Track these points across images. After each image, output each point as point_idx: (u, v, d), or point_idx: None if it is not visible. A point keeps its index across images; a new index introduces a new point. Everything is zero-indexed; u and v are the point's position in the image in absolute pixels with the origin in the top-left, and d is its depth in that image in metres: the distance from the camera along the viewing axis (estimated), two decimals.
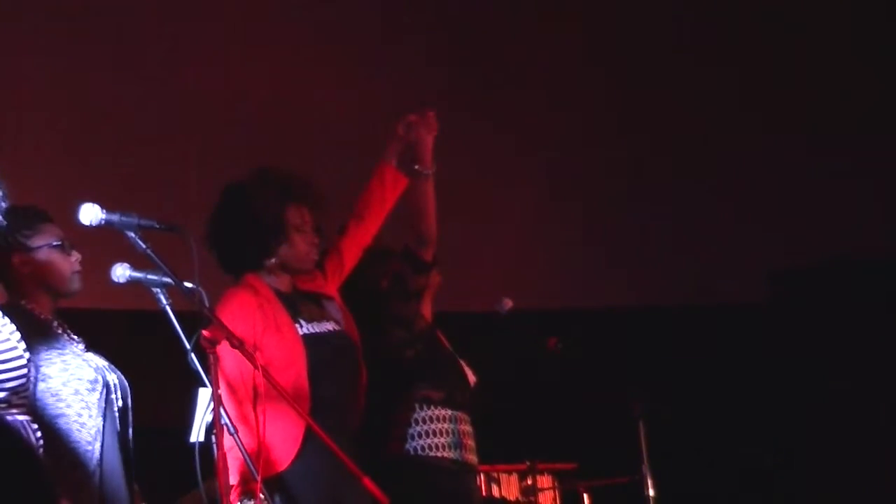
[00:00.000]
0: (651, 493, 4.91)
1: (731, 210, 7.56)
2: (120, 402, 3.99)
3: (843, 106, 7.47)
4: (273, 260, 4.24)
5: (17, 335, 3.53)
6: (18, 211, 3.96)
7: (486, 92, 7.35)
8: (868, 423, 7.17)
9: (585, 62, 7.56)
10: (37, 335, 3.83)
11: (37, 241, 3.98)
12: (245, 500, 3.84)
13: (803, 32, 7.57)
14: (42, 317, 3.96)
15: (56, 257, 3.99)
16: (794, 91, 7.57)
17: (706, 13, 7.61)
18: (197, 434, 3.66)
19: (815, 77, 7.55)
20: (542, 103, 7.47)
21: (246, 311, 4.08)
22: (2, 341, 3.50)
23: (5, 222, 3.83)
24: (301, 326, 4.18)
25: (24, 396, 3.59)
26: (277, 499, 3.75)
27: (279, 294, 4.21)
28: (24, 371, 3.55)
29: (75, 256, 4.01)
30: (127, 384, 4.05)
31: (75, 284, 4.00)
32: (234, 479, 3.72)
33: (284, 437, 3.98)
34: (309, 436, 3.97)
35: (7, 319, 3.53)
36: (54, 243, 3.98)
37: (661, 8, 7.61)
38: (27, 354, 3.59)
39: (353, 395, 4.22)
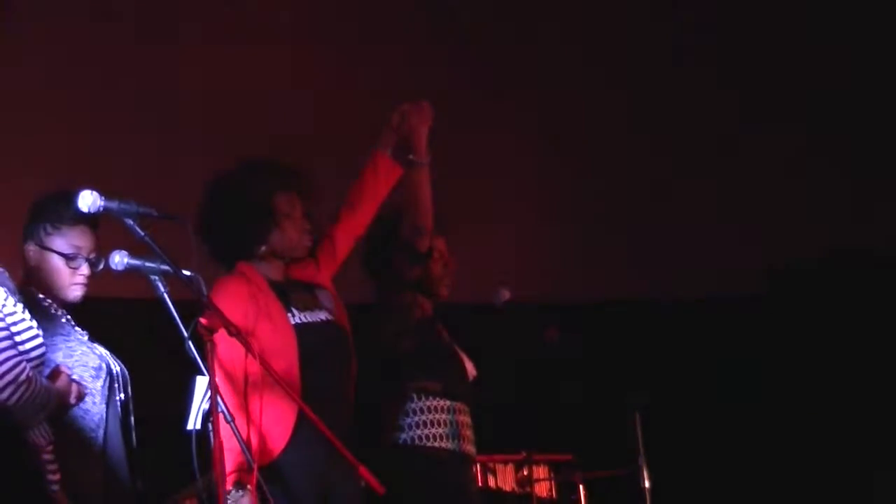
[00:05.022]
0: (647, 484, 4.92)
1: (730, 204, 7.57)
2: (122, 395, 4.00)
3: (842, 100, 7.48)
4: (264, 248, 4.23)
5: (29, 315, 3.58)
6: (56, 202, 3.95)
7: (488, 85, 7.36)
8: (866, 416, 7.18)
9: (588, 61, 7.57)
10: (43, 321, 3.84)
11: (51, 243, 3.98)
12: (237, 490, 3.84)
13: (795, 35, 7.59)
14: (48, 304, 3.97)
15: (61, 266, 3.98)
16: (794, 86, 7.57)
17: (707, 16, 7.63)
18: (194, 422, 3.66)
19: (810, 72, 7.56)
20: (544, 100, 7.48)
21: (237, 300, 4.08)
22: (20, 319, 3.54)
23: (39, 206, 3.87)
24: (293, 315, 4.18)
25: (39, 373, 3.62)
26: (270, 487, 3.75)
27: (271, 283, 4.21)
28: (44, 350, 3.60)
29: (83, 270, 3.99)
30: (128, 375, 4.06)
31: (71, 296, 4.00)
32: (228, 468, 3.72)
33: (276, 425, 3.99)
34: (300, 424, 3.98)
35: (21, 304, 3.57)
36: (66, 252, 3.97)
37: (662, 9, 7.62)
38: (40, 331, 3.63)
39: (344, 384, 4.22)
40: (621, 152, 7.54)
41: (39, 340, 3.63)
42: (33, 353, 3.59)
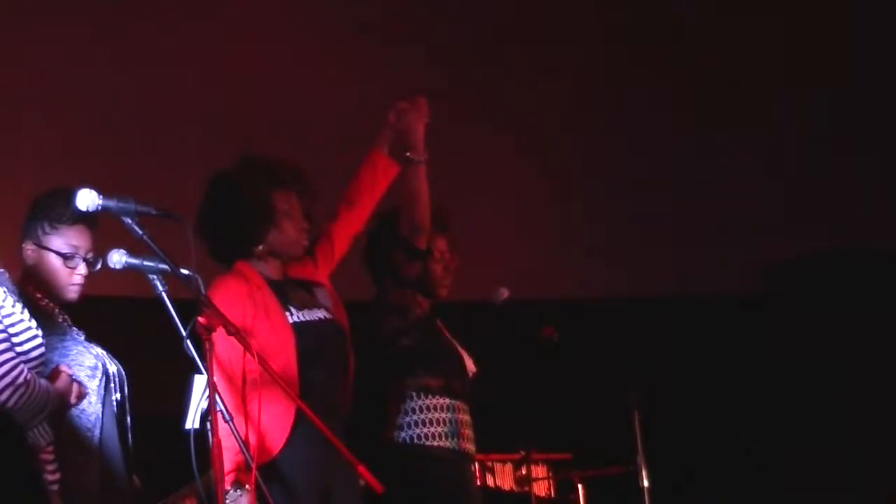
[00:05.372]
0: (645, 483, 4.91)
1: (727, 201, 7.57)
2: (118, 395, 3.99)
3: (840, 101, 7.49)
4: (262, 246, 4.22)
5: (28, 315, 3.58)
6: (54, 201, 3.94)
7: (486, 86, 7.36)
8: (863, 414, 7.18)
9: (587, 61, 7.57)
10: (39, 320, 3.84)
11: (49, 242, 3.97)
12: (235, 489, 3.84)
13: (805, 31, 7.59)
14: (44, 303, 3.96)
15: (58, 266, 3.97)
16: (793, 88, 7.58)
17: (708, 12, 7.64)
18: (192, 421, 3.66)
19: (810, 74, 7.56)
20: (542, 98, 7.48)
21: (235, 299, 4.07)
22: (18, 320, 3.55)
23: (38, 205, 3.87)
24: (291, 314, 4.17)
25: (40, 373, 3.62)
26: (268, 486, 3.75)
27: (269, 282, 4.21)
28: (43, 350, 3.60)
29: (81, 269, 3.98)
30: (125, 375, 4.05)
31: (68, 296, 4.00)
32: (227, 467, 3.72)
33: (275, 424, 3.98)
34: (298, 422, 3.98)
35: (20, 304, 3.58)
36: (63, 251, 3.96)
37: (662, 8, 7.63)
38: (40, 332, 3.63)
39: (342, 383, 4.22)
40: (621, 152, 7.54)
41: (39, 341, 3.63)
42: (33, 354, 3.60)
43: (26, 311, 3.65)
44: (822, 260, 7.41)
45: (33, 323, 3.64)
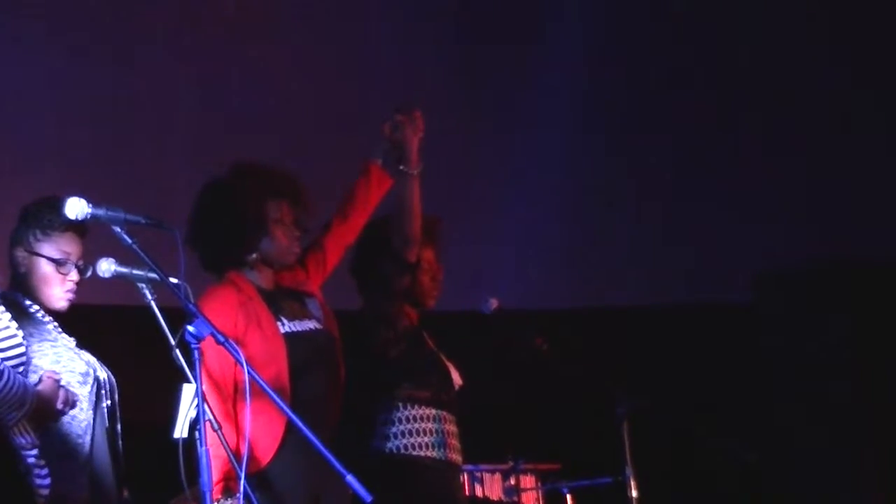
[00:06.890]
0: (634, 494, 4.91)
1: (718, 211, 7.57)
2: (108, 402, 3.99)
3: (837, 107, 7.49)
4: (254, 255, 4.23)
5: (9, 317, 3.57)
6: (45, 208, 3.94)
7: (483, 92, 7.36)
8: (853, 424, 7.18)
9: (588, 61, 7.57)
10: (29, 327, 3.84)
11: (41, 249, 3.97)
12: (225, 499, 3.84)
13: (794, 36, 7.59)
14: (35, 310, 3.95)
15: (50, 272, 3.97)
16: (788, 92, 7.58)
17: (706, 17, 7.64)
18: (180, 430, 3.66)
19: (808, 76, 7.56)
20: (539, 104, 7.47)
21: (227, 309, 4.08)
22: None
23: (28, 212, 3.87)
24: (282, 324, 4.18)
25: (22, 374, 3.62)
26: (258, 496, 3.75)
27: (261, 291, 4.21)
28: (23, 350, 3.59)
29: (73, 276, 3.98)
30: (115, 382, 4.05)
31: (58, 304, 3.99)
32: (216, 476, 3.72)
33: (265, 434, 3.99)
34: (289, 432, 3.98)
35: (2, 308, 3.57)
36: (55, 258, 3.96)
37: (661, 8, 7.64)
38: (21, 333, 3.62)
39: (333, 393, 4.23)
40: (611, 156, 7.54)
41: (17, 341, 3.63)
42: (10, 354, 3.59)
43: (7, 314, 3.64)
44: (812, 270, 7.41)
45: (14, 325, 3.64)
